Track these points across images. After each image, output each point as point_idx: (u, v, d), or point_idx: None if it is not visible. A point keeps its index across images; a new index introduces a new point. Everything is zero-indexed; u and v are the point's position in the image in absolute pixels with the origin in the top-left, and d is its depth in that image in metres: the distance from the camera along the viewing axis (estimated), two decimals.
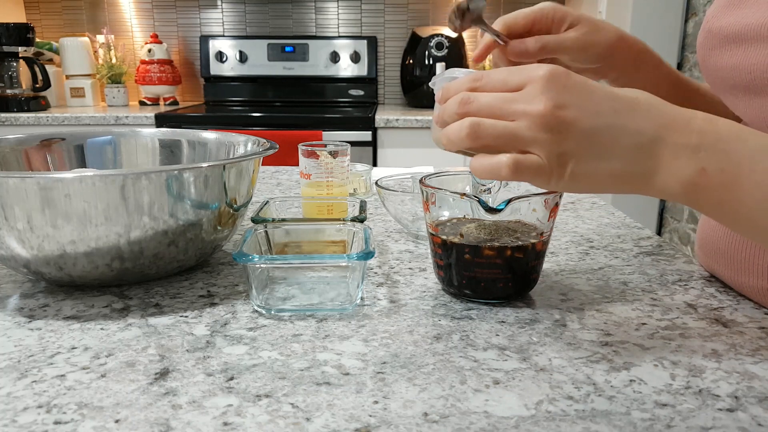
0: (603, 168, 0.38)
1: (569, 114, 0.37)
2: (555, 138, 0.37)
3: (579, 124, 0.37)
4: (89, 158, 0.72)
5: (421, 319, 0.48)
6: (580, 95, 0.38)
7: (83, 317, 0.48)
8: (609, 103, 0.38)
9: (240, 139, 0.70)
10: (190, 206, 0.52)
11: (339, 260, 0.50)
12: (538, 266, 0.52)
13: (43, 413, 0.35)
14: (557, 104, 0.37)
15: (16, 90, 2.20)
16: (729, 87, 0.53)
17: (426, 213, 0.53)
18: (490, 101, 0.39)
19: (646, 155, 0.38)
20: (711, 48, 0.55)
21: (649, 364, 0.41)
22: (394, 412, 0.36)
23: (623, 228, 0.76)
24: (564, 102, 0.37)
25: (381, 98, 2.63)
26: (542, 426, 0.34)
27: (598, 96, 0.38)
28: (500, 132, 0.38)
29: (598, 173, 0.38)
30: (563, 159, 0.38)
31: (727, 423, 0.35)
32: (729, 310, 0.51)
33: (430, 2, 2.53)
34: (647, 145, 0.38)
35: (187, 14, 2.56)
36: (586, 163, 0.38)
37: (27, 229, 0.48)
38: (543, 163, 0.38)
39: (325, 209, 0.74)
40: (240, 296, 0.53)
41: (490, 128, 0.38)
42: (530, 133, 0.37)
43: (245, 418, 0.35)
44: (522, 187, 0.57)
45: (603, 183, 0.39)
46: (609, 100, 0.38)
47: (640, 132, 0.38)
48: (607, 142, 0.37)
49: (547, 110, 0.37)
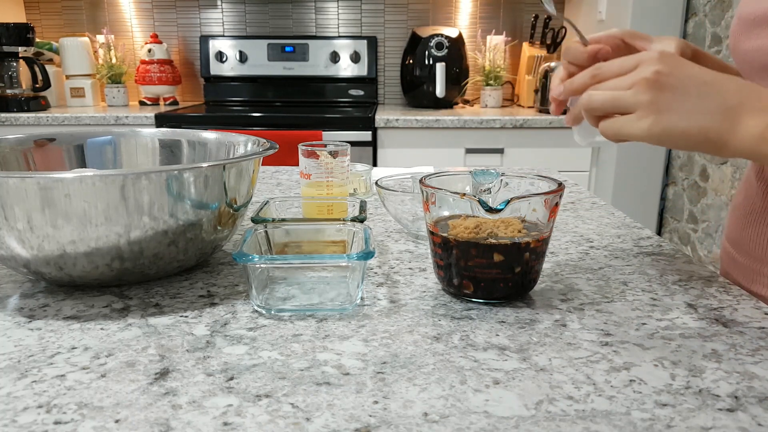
0: (693, 123, 0.46)
1: (668, 79, 0.46)
2: (652, 95, 0.46)
3: (675, 84, 0.46)
4: (89, 158, 0.72)
5: (421, 319, 0.48)
6: (679, 67, 0.47)
7: (83, 317, 0.48)
8: (702, 74, 0.47)
9: (240, 139, 0.70)
10: (190, 206, 0.52)
11: (339, 260, 0.50)
12: (538, 266, 0.52)
13: (43, 413, 0.35)
14: (660, 71, 0.46)
15: (16, 90, 2.20)
16: (757, 69, 0.58)
17: (426, 213, 0.53)
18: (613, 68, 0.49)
19: (729, 115, 0.46)
20: (741, 33, 0.61)
21: (649, 364, 0.41)
22: (394, 412, 0.36)
23: (623, 228, 0.76)
24: (665, 70, 0.46)
25: (381, 98, 2.63)
26: (542, 426, 0.34)
27: (695, 69, 0.47)
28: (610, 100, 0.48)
29: (689, 127, 0.46)
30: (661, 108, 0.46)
31: (727, 423, 0.35)
32: (729, 310, 0.51)
33: (430, 2, 2.53)
34: (730, 107, 0.46)
35: (187, 14, 2.56)
36: (680, 116, 0.46)
37: (27, 229, 0.48)
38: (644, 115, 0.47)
39: (325, 209, 0.74)
40: (240, 296, 0.53)
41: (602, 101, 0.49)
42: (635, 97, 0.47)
43: (245, 418, 0.35)
44: (522, 188, 0.57)
45: (694, 139, 0.47)
46: (702, 72, 0.47)
47: (725, 97, 0.46)
48: (697, 101, 0.46)
49: (651, 76, 0.46)
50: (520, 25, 2.55)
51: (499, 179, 0.57)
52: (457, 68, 2.28)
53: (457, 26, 2.52)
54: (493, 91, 2.36)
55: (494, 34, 2.44)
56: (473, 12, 2.54)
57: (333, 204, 0.74)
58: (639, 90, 0.46)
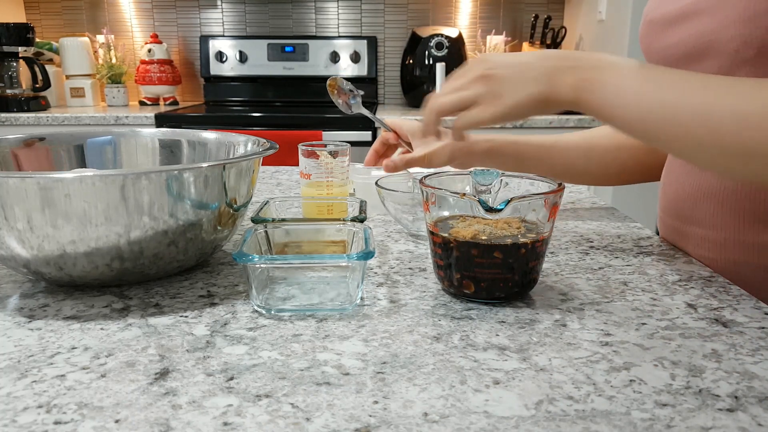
0: (522, 94, 0.55)
1: (495, 71, 0.56)
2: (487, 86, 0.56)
3: (501, 73, 0.56)
4: (89, 158, 0.72)
5: (421, 319, 0.48)
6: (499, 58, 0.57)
7: (83, 317, 0.48)
8: (519, 56, 0.57)
9: (240, 139, 0.70)
10: (190, 206, 0.52)
11: (339, 260, 0.50)
12: (538, 266, 0.52)
13: (43, 413, 0.35)
14: (486, 67, 0.56)
15: (16, 90, 2.20)
16: (673, 62, 0.65)
17: (426, 213, 0.53)
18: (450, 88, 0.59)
19: (546, 78, 0.55)
20: (655, 34, 0.69)
21: (649, 364, 0.41)
22: (394, 412, 0.36)
23: (623, 228, 0.76)
24: (489, 66, 0.57)
25: (381, 98, 2.63)
26: (542, 426, 0.34)
27: (510, 55, 0.57)
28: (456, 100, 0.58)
29: (521, 99, 0.55)
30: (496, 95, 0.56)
31: (727, 423, 0.35)
32: (729, 310, 0.51)
33: (430, 2, 2.53)
34: (546, 72, 0.55)
35: (187, 14, 2.56)
36: (511, 94, 0.55)
37: (27, 229, 0.48)
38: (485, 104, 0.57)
39: (325, 209, 0.74)
40: (240, 296, 0.53)
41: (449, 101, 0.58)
42: (473, 91, 0.57)
43: (245, 418, 0.35)
44: (522, 188, 0.57)
45: (527, 105, 0.56)
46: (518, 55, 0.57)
47: (542, 66, 0.56)
48: (521, 77, 0.56)
49: (479, 72, 0.57)
50: (520, 25, 2.55)
51: (499, 179, 0.57)
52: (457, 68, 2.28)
53: (457, 26, 2.52)
54: None
55: (494, 34, 2.45)
56: (473, 12, 2.54)
57: (333, 204, 0.74)
58: (476, 86, 0.56)
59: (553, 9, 2.52)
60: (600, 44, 2.13)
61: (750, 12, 0.56)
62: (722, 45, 0.58)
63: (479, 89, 0.56)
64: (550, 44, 2.36)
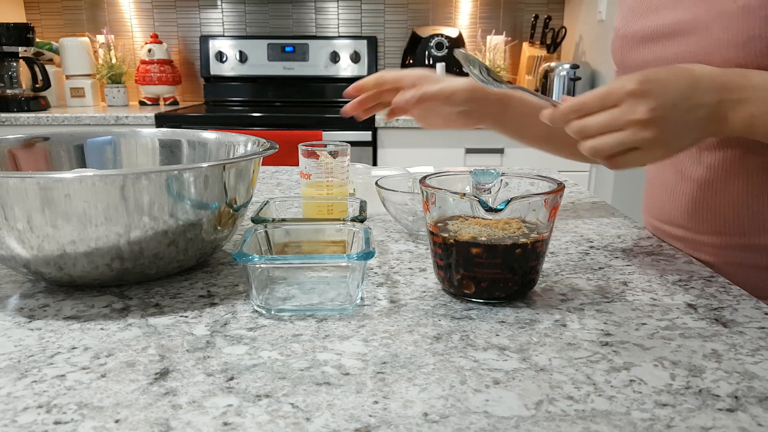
0: (690, 139, 0.53)
1: (658, 113, 0.50)
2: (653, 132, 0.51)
3: (666, 117, 0.51)
4: (89, 158, 0.72)
5: (421, 319, 0.48)
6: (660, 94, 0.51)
7: (83, 317, 0.48)
8: (679, 90, 0.52)
9: (240, 139, 0.70)
10: (190, 206, 0.52)
11: (339, 260, 0.50)
12: (538, 266, 0.52)
13: (43, 413, 0.35)
14: (649, 108, 0.50)
15: (16, 90, 2.20)
16: None
17: (426, 213, 0.53)
18: (600, 123, 0.52)
19: (715, 118, 0.53)
20: (629, 49, 0.70)
21: (649, 364, 0.41)
22: (394, 412, 0.36)
23: (623, 228, 0.76)
24: (652, 105, 0.50)
25: None
26: (542, 426, 0.34)
27: (671, 88, 0.51)
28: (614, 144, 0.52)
29: (688, 144, 0.54)
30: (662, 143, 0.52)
31: (727, 423, 0.35)
32: (729, 310, 0.51)
33: (430, 2, 2.53)
34: (714, 112, 0.52)
35: (187, 14, 2.56)
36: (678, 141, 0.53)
37: (27, 229, 0.48)
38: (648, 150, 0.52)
39: (325, 209, 0.74)
40: (240, 296, 0.53)
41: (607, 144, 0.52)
42: (637, 136, 0.51)
43: (245, 418, 0.35)
44: (522, 188, 0.57)
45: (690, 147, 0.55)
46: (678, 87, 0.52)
47: (707, 104, 0.52)
48: (686, 122, 0.52)
49: (644, 116, 0.50)
50: (520, 25, 2.55)
51: (499, 179, 0.57)
52: (458, 68, 2.28)
53: (457, 26, 2.52)
54: None
55: (494, 34, 2.45)
56: (473, 12, 2.54)
57: (333, 204, 0.74)
58: (637, 130, 0.51)
59: (553, 9, 2.52)
60: (600, 44, 2.13)
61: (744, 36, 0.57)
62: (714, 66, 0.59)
63: (643, 135, 0.51)
64: (550, 44, 2.36)
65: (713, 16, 0.60)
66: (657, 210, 0.75)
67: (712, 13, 0.60)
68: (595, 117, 0.53)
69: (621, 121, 0.51)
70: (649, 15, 0.68)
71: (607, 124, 0.52)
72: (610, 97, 0.52)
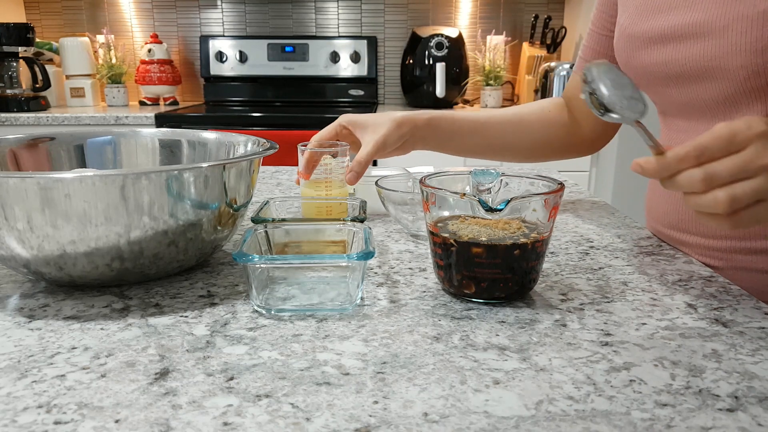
0: None
1: None
2: None
3: None
4: (89, 158, 0.72)
5: (421, 319, 0.48)
6: None
7: (83, 317, 0.48)
8: None
9: (240, 139, 0.70)
10: (190, 206, 0.52)
11: (339, 260, 0.50)
12: (538, 266, 0.52)
13: (43, 413, 0.35)
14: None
15: (16, 90, 2.20)
16: (660, 79, 0.65)
17: (426, 213, 0.53)
18: (731, 169, 0.45)
19: None
20: (635, 50, 0.68)
21: (649, 364, 0.41)
22: (394, 412, 0.36)
23: (623, 228, 0.76)
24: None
25: (381, 98, 2.63)
26: (542, 426, 0.34)
27: None
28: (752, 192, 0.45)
29: None
30: None
31: (727, 423, 0.35)
32: (729, 310, 0.51)
33: (430, 2, 2.53)
34: None
35: (187, 14, 2.56)
36: None
37: (27, 229, 0.48)
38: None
39: (324, 209, 0.74)
40: (240, 296, 0.53)
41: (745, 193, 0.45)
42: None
43: (245, 418, 0.35)
44: (522, 188, 0.57)
45: None
46: None
47: None
48: None
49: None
50: (520, 25, 2.55)
51: (499, 179, 0.57)
52: (457, 68, 2.28)
53: (457, 26, 2.52)
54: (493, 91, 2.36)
55: (494, 34, 2.45)
56: (473, 12, 2.54)
57: (333, 204, 0.74)
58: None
59: (553, 9, 2.53)
60: None
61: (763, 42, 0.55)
62: (729, 72, 0.58)
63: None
64: (550, 44, 2.36)
65: (730, 20, 0.57)
66: (662, 215, 0.75)
67: (729, 16, 0.57)
68: (723, 162, 0.46)
69: (755, 166, 0.45)
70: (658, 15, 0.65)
71: (740, 169, 0.45)
72: (736, 139, 0.46)
